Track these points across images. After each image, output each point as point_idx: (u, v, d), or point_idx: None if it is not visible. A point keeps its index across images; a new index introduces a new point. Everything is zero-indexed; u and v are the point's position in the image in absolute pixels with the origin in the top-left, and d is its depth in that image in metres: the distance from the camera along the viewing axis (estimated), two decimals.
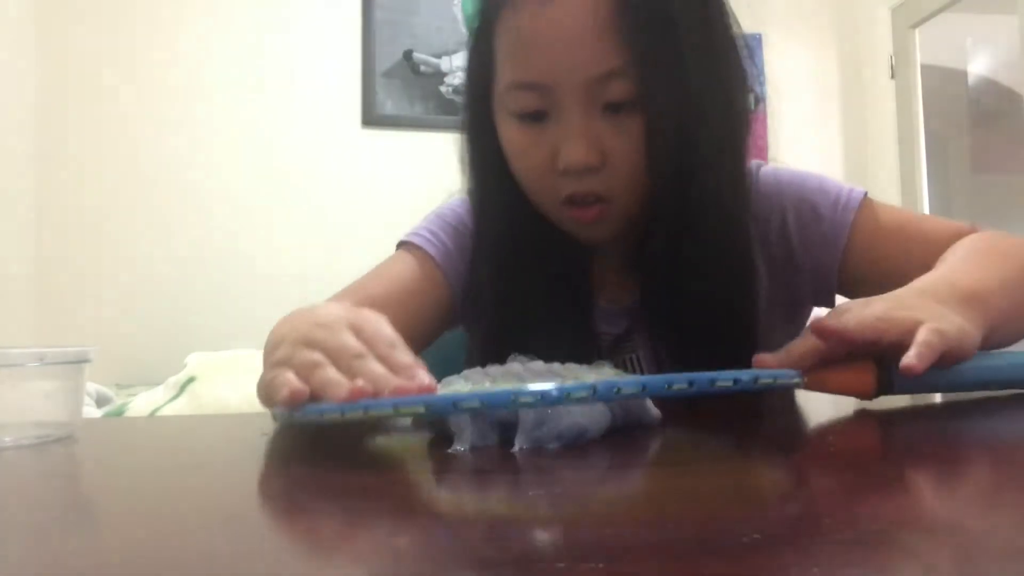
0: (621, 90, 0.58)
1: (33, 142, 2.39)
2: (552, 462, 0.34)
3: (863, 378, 0.46)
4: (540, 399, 0.32)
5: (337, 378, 0.40)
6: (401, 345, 0.43)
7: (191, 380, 1.92)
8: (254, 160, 2.57)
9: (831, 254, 0.68)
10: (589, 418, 0.39)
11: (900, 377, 0.44)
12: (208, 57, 2.56)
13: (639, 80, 0.57)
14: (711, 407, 0.50)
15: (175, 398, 1.89)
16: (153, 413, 1.81)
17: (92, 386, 1.96)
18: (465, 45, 0.67)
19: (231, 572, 0.21)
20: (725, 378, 0.35)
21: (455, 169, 0.71)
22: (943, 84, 3.02)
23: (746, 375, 0.36)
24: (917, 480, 0.31)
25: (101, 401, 1.97)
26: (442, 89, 2.71)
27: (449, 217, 0.75)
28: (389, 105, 2.68)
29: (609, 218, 0.63)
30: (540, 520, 0.26)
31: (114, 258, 2.44)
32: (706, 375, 0.34)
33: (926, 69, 2.93)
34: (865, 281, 0.67)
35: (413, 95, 2.70)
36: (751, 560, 0.20)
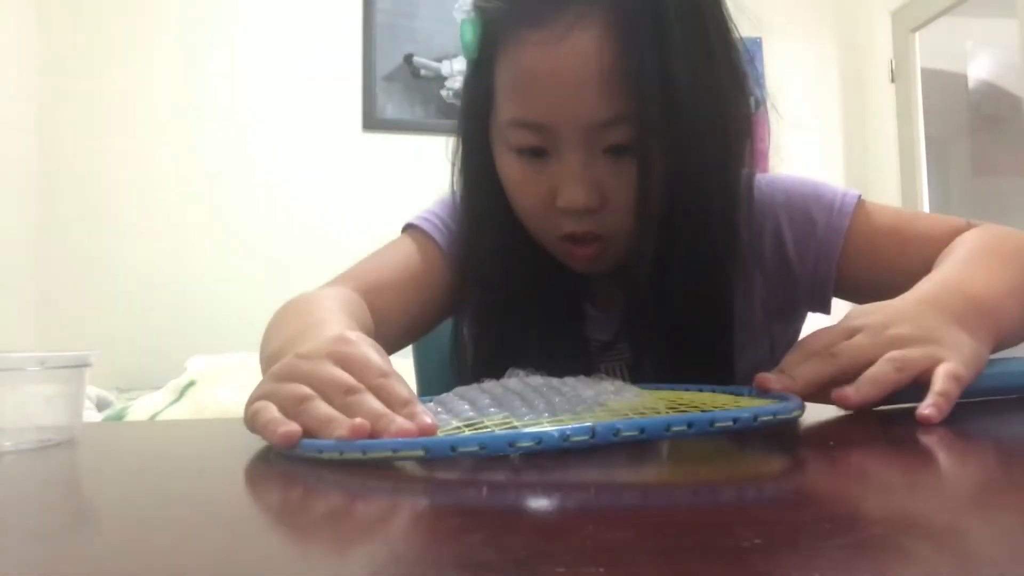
0: (623, 135, 0.58)
1: (34, 142, 2.39)
2: (552, 463, 0.34)
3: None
4: (539, 443, 0.33)
5: (330, 413, 0.38)
6: (394, 374, 0.41)
7: (191, 384, 1.92)
8: (255, 164, 2.57)
9: (827, 259, 0.67)
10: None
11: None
12: (209, 60, 2.57)
13: (641, 127, 0.57)
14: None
15: (175, 402, 1.89)
16: (153, 417, 1.81)
17: (92, 390, 1.96)
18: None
19: None
20: (724, 418, 0.36)
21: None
22: (943, 88, 3.03)
23: (746, 413, 0.36)
24: (918, 482, 0.31)
25: (101, 405, 1.97)
26: (443, 93, 2.72)
27: None
28: (390, 109, 2.68)
29: (606, 255, 0.63)
30: (540, 523, 0.26)
31: (115, 261, 2.44)
32: (706, 416, 0.35)
33: (926, 73, 2.93)
34: (862, 283, 0.67)
35: (414, 99, 2.70)
36: (751, 565, 0.20)
